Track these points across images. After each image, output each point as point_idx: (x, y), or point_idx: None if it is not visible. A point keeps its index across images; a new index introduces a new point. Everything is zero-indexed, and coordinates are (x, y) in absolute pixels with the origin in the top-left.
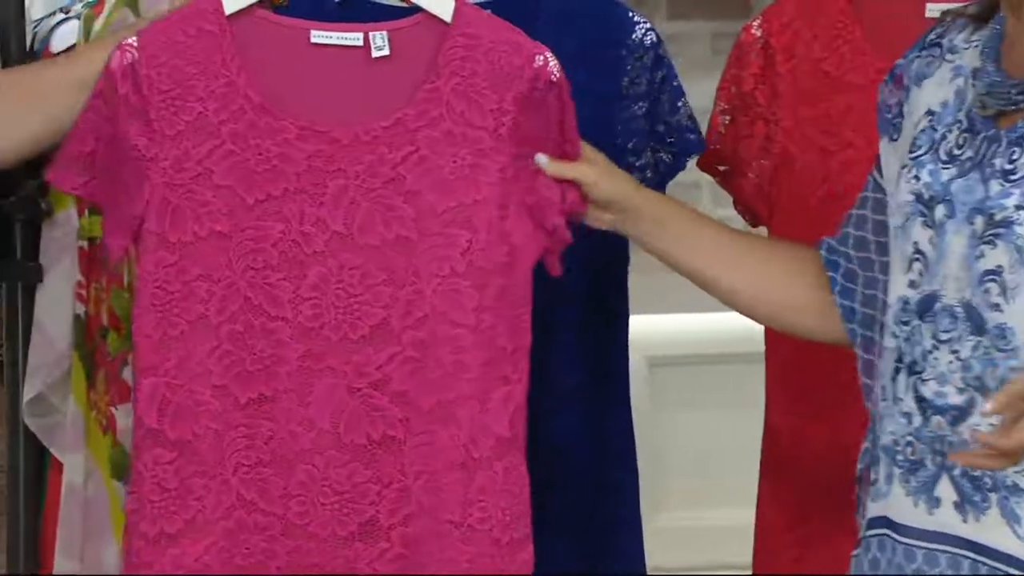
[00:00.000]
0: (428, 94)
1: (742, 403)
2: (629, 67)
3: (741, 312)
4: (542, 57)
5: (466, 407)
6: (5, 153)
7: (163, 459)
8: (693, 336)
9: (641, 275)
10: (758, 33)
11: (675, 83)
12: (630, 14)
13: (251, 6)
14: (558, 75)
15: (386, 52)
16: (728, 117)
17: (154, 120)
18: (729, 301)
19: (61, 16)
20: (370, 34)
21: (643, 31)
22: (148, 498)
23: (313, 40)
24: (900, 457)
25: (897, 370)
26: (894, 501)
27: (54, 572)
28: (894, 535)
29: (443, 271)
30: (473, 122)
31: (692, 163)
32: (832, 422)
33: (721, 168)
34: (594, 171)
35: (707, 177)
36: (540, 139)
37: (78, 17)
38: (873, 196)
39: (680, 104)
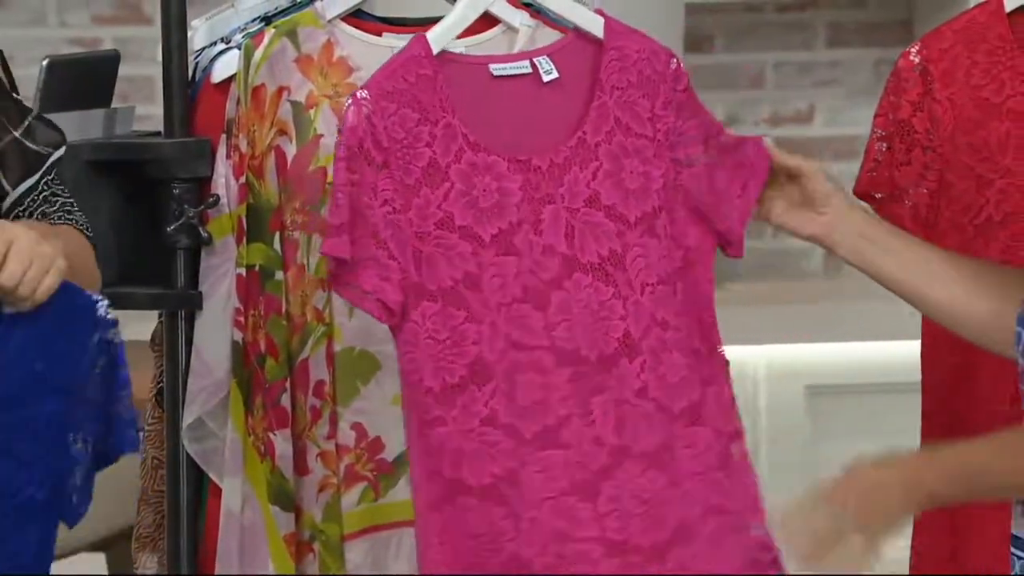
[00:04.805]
0: (598, 110)
1: (902, 432)
2: None
3: (947, 326)
4: (675, 60)
5: (702, 408)
6: None
7: (468, 506)
8: (853, 365)
9: (799, 304)
10: (916, 60)
11: None
12: None
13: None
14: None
15: (555, 75)
16: (885, 144)
17: (395, 171)
18: (936, 316)
19: (222, 46)
20: (535, 60)
21: None
22: (462, 545)
23: (494, 73)
24: None
25: None
26: None
27: None
28: None
29: (651, 279)
30: (636, 132)
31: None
32: None
33: (877, 195)
34: (814, 164)
35: (865, 204)
36: (691, 139)
37: (239, 47)
38: None
39: None
